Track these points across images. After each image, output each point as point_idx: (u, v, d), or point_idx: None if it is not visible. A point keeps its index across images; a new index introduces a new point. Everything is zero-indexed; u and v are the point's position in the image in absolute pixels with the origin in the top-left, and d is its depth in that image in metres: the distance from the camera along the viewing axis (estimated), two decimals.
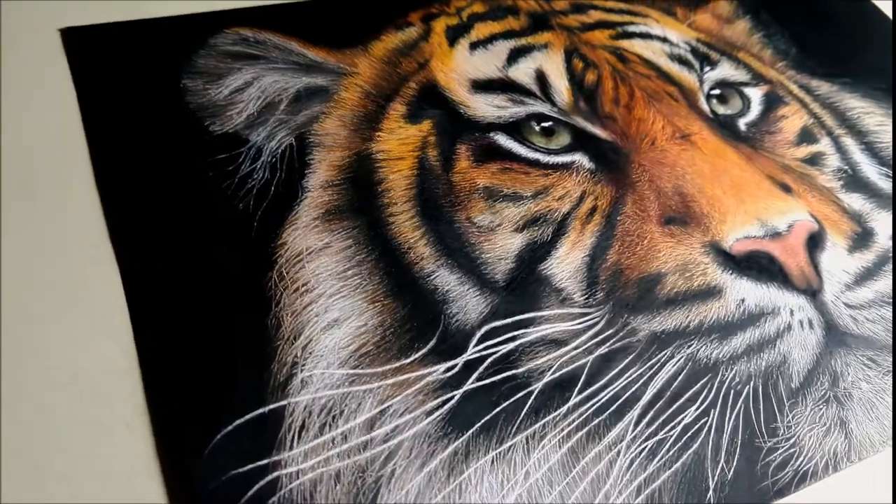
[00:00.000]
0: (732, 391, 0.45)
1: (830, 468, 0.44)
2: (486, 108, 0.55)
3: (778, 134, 0.59)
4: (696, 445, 0.43)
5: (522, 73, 0.58)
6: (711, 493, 0.42)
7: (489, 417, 0.42)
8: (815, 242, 0.49)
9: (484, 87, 0.56)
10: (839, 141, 0.61)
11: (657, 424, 0.43)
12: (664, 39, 0.62)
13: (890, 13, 0.75)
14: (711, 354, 0.46)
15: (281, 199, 0.50)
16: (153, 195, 0.49)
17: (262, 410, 0.41)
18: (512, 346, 0.45)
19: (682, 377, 0.45)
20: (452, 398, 0.43)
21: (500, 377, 0.44)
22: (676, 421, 0.43)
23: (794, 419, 0.45)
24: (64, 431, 0.40)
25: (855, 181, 0.58)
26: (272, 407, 0.41)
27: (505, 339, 0.45)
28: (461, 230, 0.50)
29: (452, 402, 0.43)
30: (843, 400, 0.46)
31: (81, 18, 0.58)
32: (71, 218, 0.48)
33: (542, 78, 0.57)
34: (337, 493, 0.40)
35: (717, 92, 0.59)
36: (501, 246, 0.49)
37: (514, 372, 0.44)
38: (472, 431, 0.42)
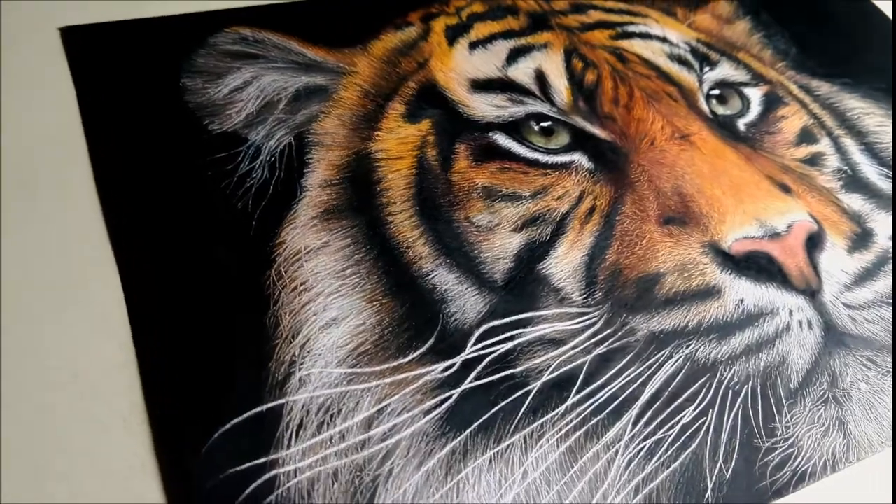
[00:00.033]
0: (731, 391, 0.44)
1: (829, 468, 0.44)
2: (485, 107, 0.55)
3: (777, 134, 0.59)
4: (694, 445, 0.43)
5: (522, 72, 0.57)
6: (709, 493, 0.42)
7: (487, 417, 0.42)
8: (814, 243, 0.49)
9: (483, 86, 0.56)
10: (839, 141, 0.60)
11: (655, 424, 0.43)
12: (664, 39, 0.62)
13: (890, 13, 0.75)
14: (710, 354, 0.46)
15: (279, 198, 0.50)
16: (152, 194, 0.49)
17: (259, 409, 0.41)
18: (510, 345, 0.45)
19: (680, 377, 0.45)
20: (450, 397, 0.43)
21: (498, 376, 0.44)
22: (675, 421, 0.43)
23: (792, 419, 0.45)
24: (64, 431, 0.40)
25: (854, 182, 0.58)
26: (270, 405, 0.41)
27: (503, 338, 0.45)
28: (460, 229, 0.50)
29: (450, 401, 0.43)
30: (841, 400, 0.46)
31: (81, 17, 0.58)
32: (70, 217, 0.48)
33: (541, 78, 0.57)
34: (334, 491, 0.40)
35: (716, 92, 0.59)
36: (500, 245, 0.49)
37: (512, 371, 0.44)
38: (469, 431, 0.42)
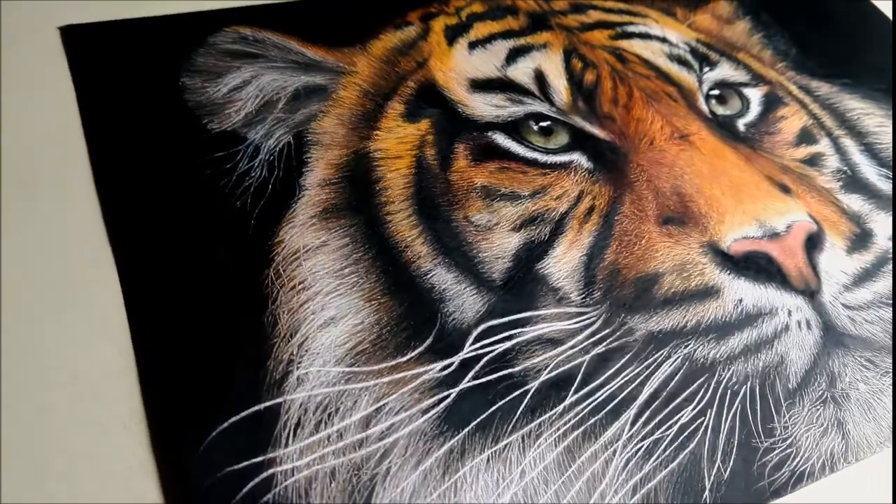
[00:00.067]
0: (729, 391, 0.44)
1: (827, 469, 0.43)
2: (484, 107, 0.55)
3: (777, 134, 0.59)
4: (692, 445, 0.43)
5: (521, 72, 0.57)
6: (707, 493, 0.42)
7: (485, 416, 0.42)
8: (813, 243, 0.49)
9: (482, 86, 0.56)
10: (839, 142, 0.60)
11: (653, 424, 0.43)
12: (663, 40, 0.62)
13: (890, 13, 0.74)
14: (708, 354, 0.45)
15: (278, 197, 0.50)
16: (151, 193, 0.49)
17: (257, 408, 0.41)
18: (508, 344, 0.45)
19: (678, 377, 0.45)
20: (448, 397, 0.43)
21: (496, 376, 0.44)
22: (673, 421, 0.43)
23: (791, 420, 0.45)
24: (64, 431, 0.40)
25: (854, 182, 0.58)
26: (268, 404, 0.41)
27: (501, 337, 0.45)
28: (458, 229, 0.50)
29: (448, 400, 0.43)
30: (840, 401, 0.46)
31: (81, 17, 0.58)
32: (69, 216, 0.48)
33: (540, 77, 0.57)
34: (332, 490, 0.39)
35: (716, 92, 0.59)
36: (499, 245, 0.49)
37: (510, 371, 0.44)
38: (467, 430, 0.42)
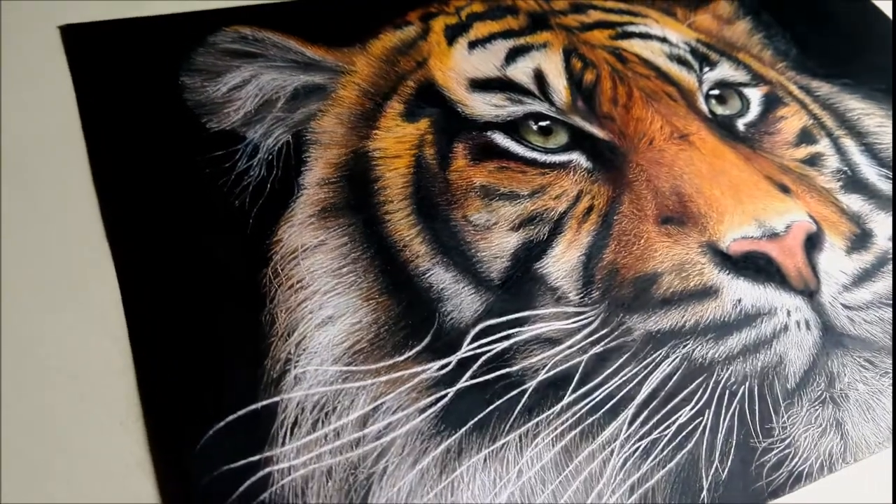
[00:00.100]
0: (728, 391, 0.44)
1: (825, 469, 0.43)
2: (483, 106, 0.55)
3: (777, 135, 0.59)
4: (690, 445, 0.43)
5: (521, 72, 0.57)
6: (705, 493, 0.42)
7: (482, 415, 0.42)
8: (813, 243, 0.49)
9: (482, 85, 0.56)
10: (839, 142, 0.60)
11: (651, 424, 0.43)
12: (663, 40, 0.62)
13: (890, 13, 0.74)
14: (707, 354, 0.45)
15: (277, 196, 0.50)
16: (150, 192, 0.49)
17: (254, 406, 0.41)
18: (506, 344, 0.45)
19: (677, 377, 0.45)
20: (446, 396, 0.43)
21: (493, 375, 0.44)
22: (671, 421, 0.43)
23: (789, 420, 0.44)
24: (62, 430, 0.40)
25: (854, 182, 0.57)
26: (265, 403, 0.41)
27: (499, 337, 0.45)
28: (457, 228, 0.50)
29: (446, 399, 0.43)
30: (839, 401, 0.46)
31: (81, 16, 0.58)
32: (68, 215, 0.48)
33: (540, 77, 0.57)
34: (328, 489, 0.39)
35: (716, 92, 0.59)
36: (497, 244, 0.49)
37: (507, 370, 0.44)
38: (465, 429, 0.42)
